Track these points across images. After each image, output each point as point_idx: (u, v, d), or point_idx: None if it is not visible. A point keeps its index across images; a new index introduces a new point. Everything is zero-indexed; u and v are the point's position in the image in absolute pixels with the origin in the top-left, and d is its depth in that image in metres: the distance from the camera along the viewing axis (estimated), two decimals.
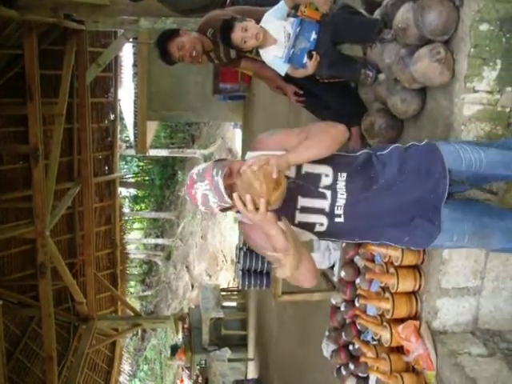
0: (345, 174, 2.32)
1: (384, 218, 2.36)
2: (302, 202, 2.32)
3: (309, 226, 2.36)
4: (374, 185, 2.33)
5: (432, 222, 2.36)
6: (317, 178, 2.31)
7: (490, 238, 2.48)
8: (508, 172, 2.44)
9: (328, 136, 2.27)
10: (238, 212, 2.21)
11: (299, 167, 2.31)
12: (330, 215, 2.33)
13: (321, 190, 2.32)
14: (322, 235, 2.42)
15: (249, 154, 2.35)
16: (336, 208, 2.32)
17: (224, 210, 2.25)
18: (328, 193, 2.32)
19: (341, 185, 2.31)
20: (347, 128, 2.35)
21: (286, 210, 2.28)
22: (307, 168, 2.31)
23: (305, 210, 2.33)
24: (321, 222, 2.35)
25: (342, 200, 2.32)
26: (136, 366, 23.59)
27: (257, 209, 2.02)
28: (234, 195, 2.05)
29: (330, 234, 2.41)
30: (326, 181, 2.32)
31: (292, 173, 2.30)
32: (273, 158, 2.08)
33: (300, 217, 2.34)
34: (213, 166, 2.16)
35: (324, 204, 2.32)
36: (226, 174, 2.13)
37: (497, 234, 2.47)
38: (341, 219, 2.34)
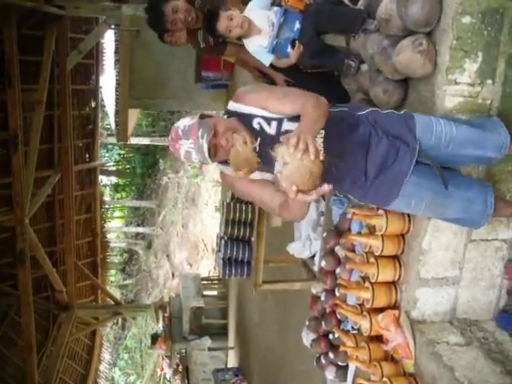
0: (323, 131, 2.35)
1: (350, 172, 2.44)
2: None
3: None
4: (347, 141, 2.41)
5: (393, 185, 2.46)
6: None
7: (447, 208, 2.55)
8: (478, 151, 2.50)
9: (324, 109, 2.30)
10: (220, 163, 2.39)
11: (280, 124, 2.35)
12: None
13: None
14: None
15: (231, 105, 2.43)
16: None
17: (204, 163, 2.36)
18: None
19: (319, 141, 2.34)
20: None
21: (267, 164, 2.32)
22: (287, 126, 2.35)
23: None
24: None
25: None
26: (116, 354, 23.50)
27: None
28: (279, 176, 2.01)
29: None
30: None
31: (272, 130, 2.35)
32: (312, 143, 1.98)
33: None
34: (198, 126, 2.26)
35: None
36: (211, 136, 2.23)
37: (455, 204, 2.54)
38: None
